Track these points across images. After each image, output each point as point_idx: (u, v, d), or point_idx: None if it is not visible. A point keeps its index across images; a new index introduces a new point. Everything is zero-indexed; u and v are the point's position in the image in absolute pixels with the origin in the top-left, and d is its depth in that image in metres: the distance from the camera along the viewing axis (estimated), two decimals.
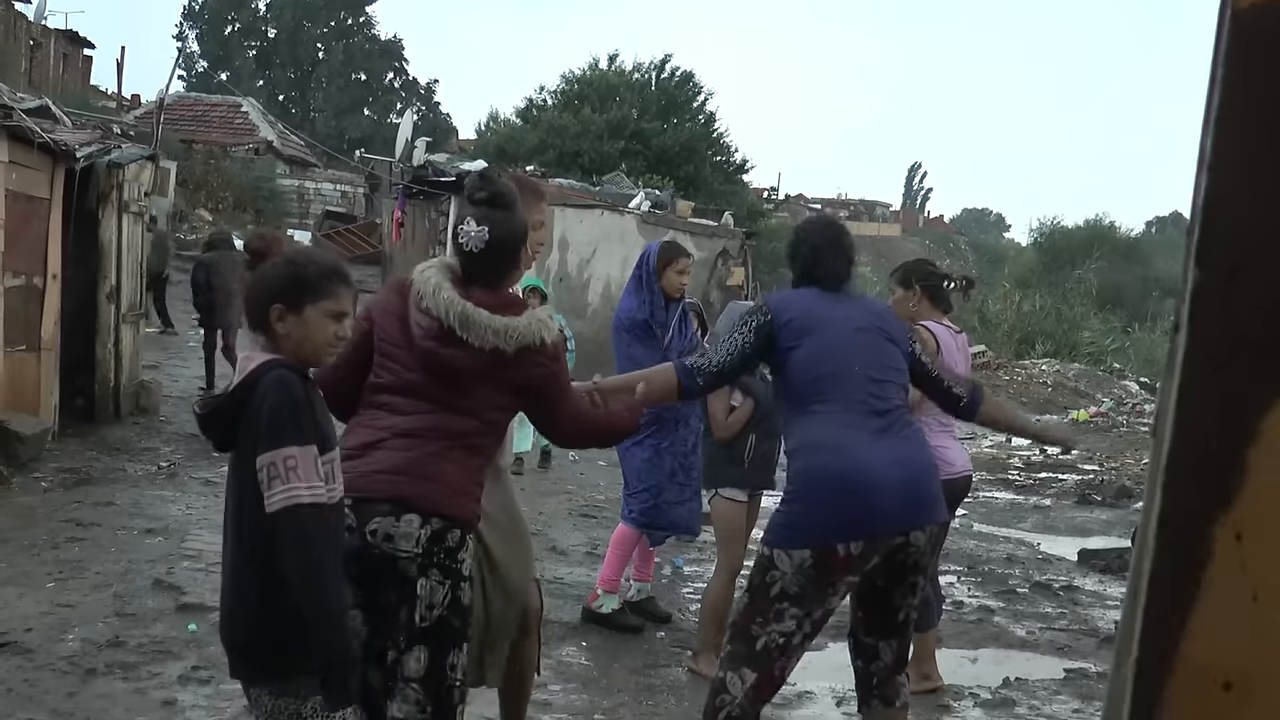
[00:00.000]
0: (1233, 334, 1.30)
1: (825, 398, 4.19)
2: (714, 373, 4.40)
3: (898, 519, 4.12)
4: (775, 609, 4.12)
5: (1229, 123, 1.28)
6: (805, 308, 4.38)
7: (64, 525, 8.73)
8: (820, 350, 4.25)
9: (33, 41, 38.07)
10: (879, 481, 4.06)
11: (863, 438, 4.13)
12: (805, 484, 4.16)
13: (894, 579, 4.27)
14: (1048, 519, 12.54)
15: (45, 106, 12.48)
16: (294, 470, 2.99)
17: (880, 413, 4.21)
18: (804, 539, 4.09)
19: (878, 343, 4.38)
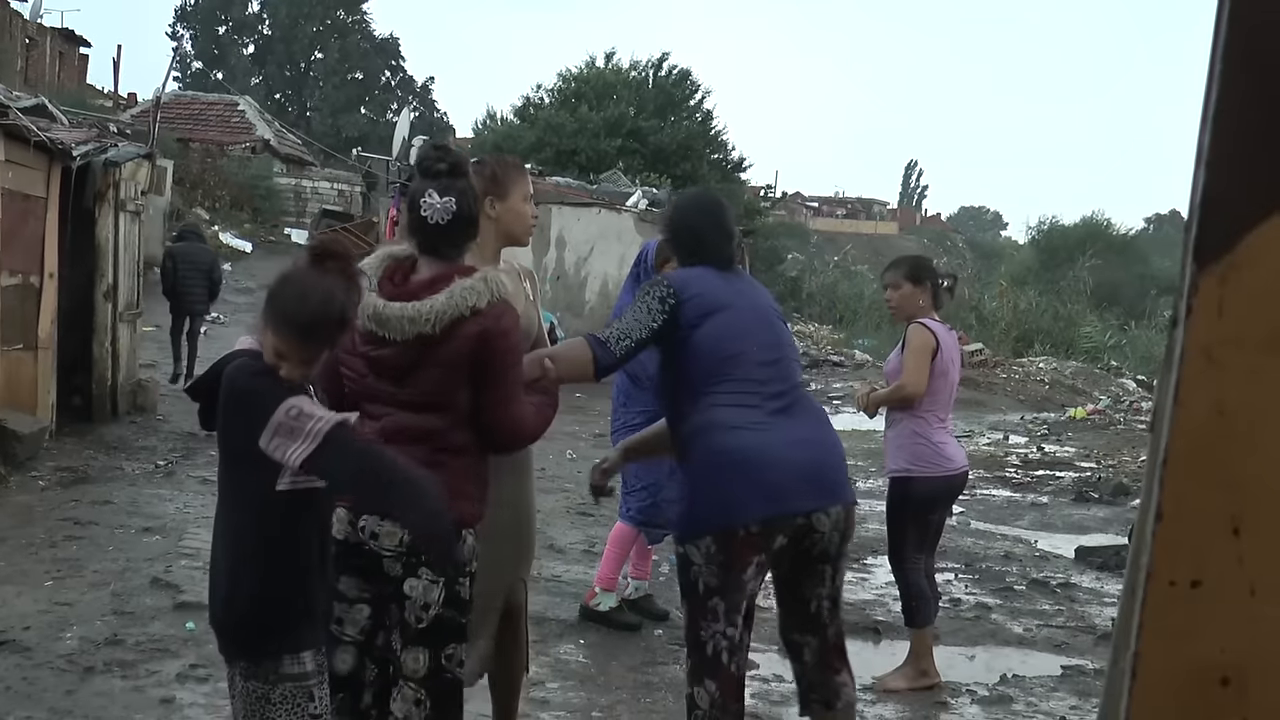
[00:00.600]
0: (1230, 330, 1.30)
1: (724, 379, 4.06)
2: (631, 344, 4.12)
3: (797, 499, 4.00)
4: (708, 608, 4.02)
5: (1226, 119, 1.28)
6: (707, 286, 4.21)
7: (62, 524, 8.72)
8: (723, 330, 4.11)
9: (28, 40, 38.07)
10: (776, 459, 3.97)
11: (760, 417, 4.02)
12: (700, 467, 4.04)
13: (800, 568, 4.16)
14: (1045, 516, 12.54)
15: (42, 105, 12.51)
16: (301, 412, 3.00)
17: (780, 393, 4.11)
18: (703, 525, 4.00)
19: (774, 322, 4.30)
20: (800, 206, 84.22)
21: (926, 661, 6.28)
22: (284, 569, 3.14)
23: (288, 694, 3.13)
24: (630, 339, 4.11)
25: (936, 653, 6.48)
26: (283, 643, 3.16)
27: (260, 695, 3.12)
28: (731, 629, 4.03)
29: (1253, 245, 1.29)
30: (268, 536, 3.12)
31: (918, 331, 6.20)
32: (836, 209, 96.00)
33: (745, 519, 3.94)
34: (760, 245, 32.76)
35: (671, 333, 4.12)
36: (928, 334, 6.18)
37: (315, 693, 3.23)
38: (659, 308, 4.11)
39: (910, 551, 6.24)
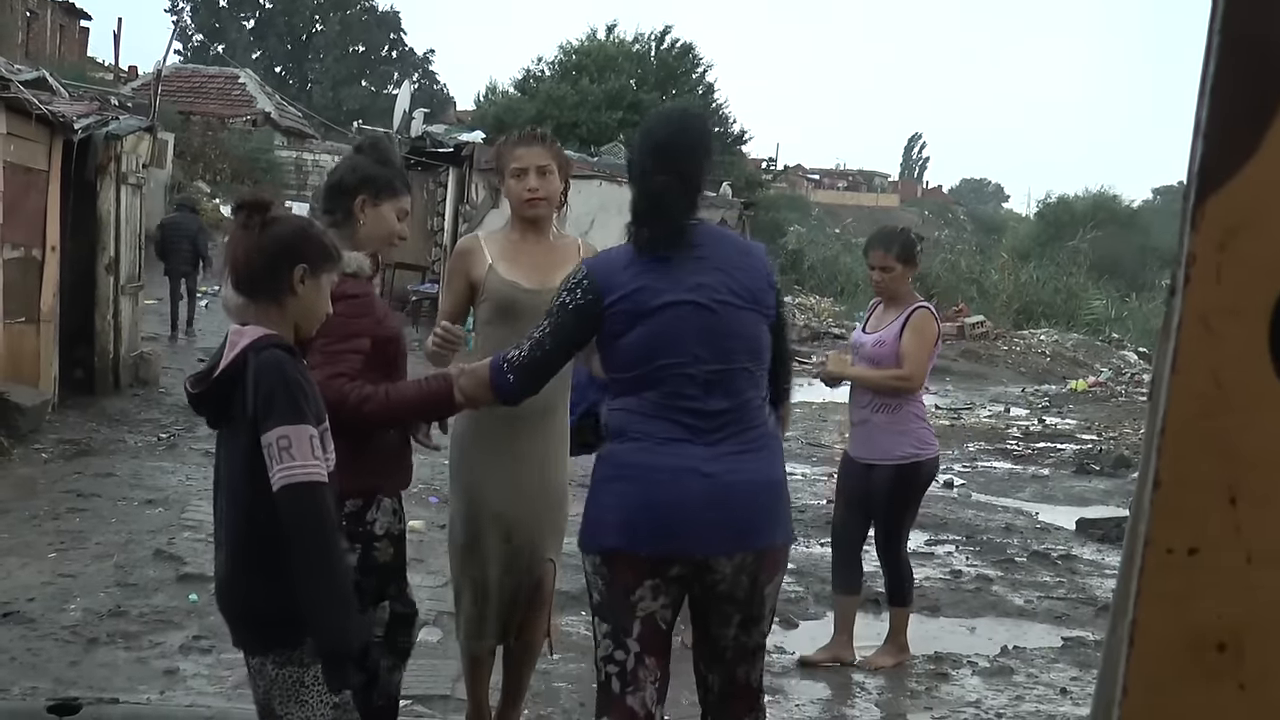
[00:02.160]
0: (1227, 298, 1.31)
1: (649, 387, 3.45)
2: (525, 367, 3.54)
3: (687, 539, 3.44)
4: (599, 629, 3.57)
5: (1223, 89, 1.29)
6: (639, 286, 3.46)
7: (65, 496, 8.75)
8: (650, 340, 3.44)
9: (29, 13, 37.97)
10: (671, 489, 3.41)
11: (674, 434, 3.43)
12: (600, 474, 3.55)
13: (707, 603, 3.58)
14: (1046, 488, 12.57)
15: (43, 78, 12.45)
16: (287, 450, 2.99)
17: (716, 413, 3.45)
18: (593, 537, 3.54)
19: (733, 316, 3.49)
20: (801, 179, 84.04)
21: (904, 637, 6.29)
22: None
23: (319, 675, 3.16)
24: (526, 361, 3.55)
25: (938, 624, 6.51)
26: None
27: (295, 679, 3.14)
28: (620, 653, 3.51)
29: (1250, 215, 1.30)
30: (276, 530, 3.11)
31: (928, 321, 6.07)
32: (838, 181, 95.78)
33: (629, 544, 3.46)
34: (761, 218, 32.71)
35: (589, 338, 3.57)
36: (934, 324, 6.10)
37: None
38: (570, 319, 3.51)
39: (905, 534, 6.29)
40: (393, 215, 4.04)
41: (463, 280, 4.45)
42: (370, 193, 3.97)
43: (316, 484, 3.01)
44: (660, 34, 42.56)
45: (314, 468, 3.01)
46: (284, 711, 3.15)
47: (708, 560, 3.46)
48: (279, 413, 3.02)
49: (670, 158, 3.56)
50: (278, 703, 3.16)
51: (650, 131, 3.70)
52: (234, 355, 3.11)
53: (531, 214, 4.46)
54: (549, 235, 4.55)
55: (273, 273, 3.18)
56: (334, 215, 3.99)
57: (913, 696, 5.90)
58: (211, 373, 3.17)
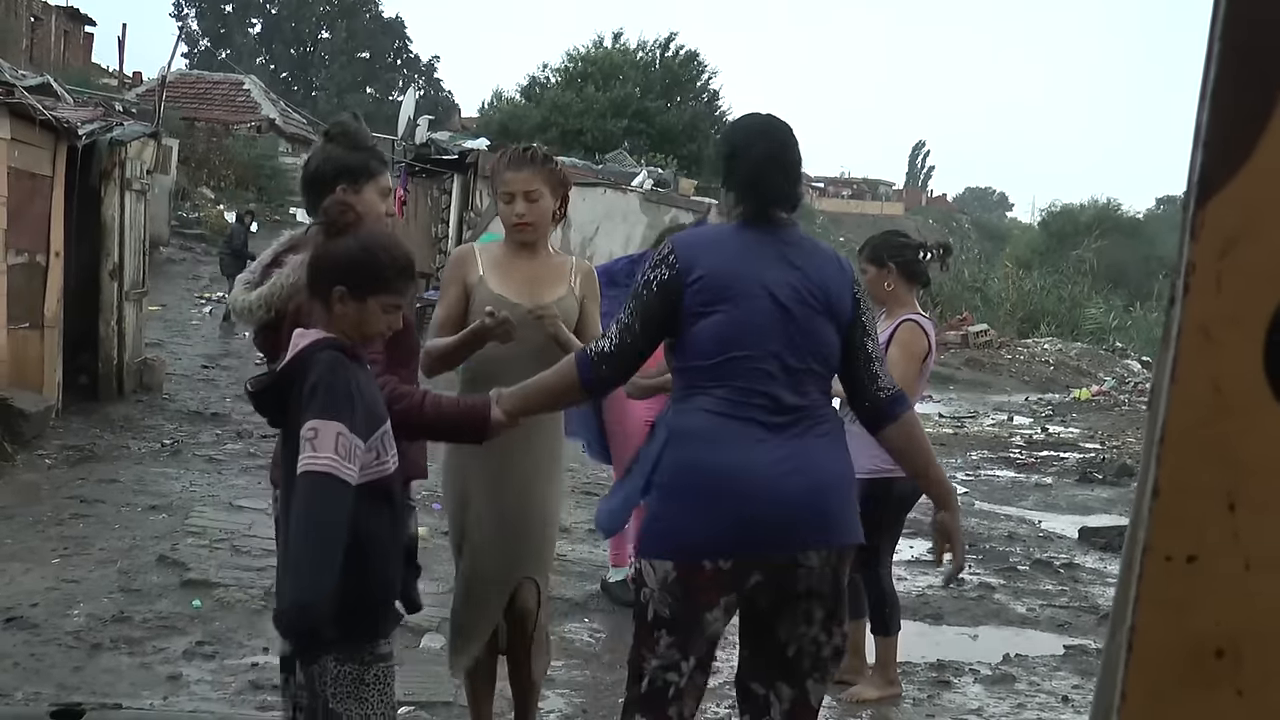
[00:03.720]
0: (1227, 307, 1.32)
1: (720, 382, 3.34)
2: (615, 354, 3.44)
3: (781, 538, 3.33)
4: (653, 637, 3.39)
5: (1223, 98, 1.30)
6: (721, 261, 3.40)
7: (68, 502, 8.75)
8: (732, 327, 3.34)
9: (34, 19, 38.04)
10: (761, 488, 3.29)
11: (753, 432, 3.32)
12: (672, 479, 3.35)
13: (781, 605, 3.43)
14: (1049, 497, 12.57)
15: (47, 84, 12.48)
16: (311, 440, 3.03)
17: (792, 408, 3.36)
18: (665, 547, 3.36)
19: (807, 319, 3.41)
20: (806, 187, 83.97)
21: (893, 671, 5.95)
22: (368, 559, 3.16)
23: (380, 674, 3.22)
24: (615, 349, 3.44)
25: (940, 632, 6.48)
26: (373, 627, 3.23)
27: (355, 677, 3.18)
28: (675, 674, 3.38)
29: (1249, 224, 1.31)
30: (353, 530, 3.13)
31: (913, 335, 5.72)
32: (842, 189, 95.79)
33: (714, 552, 3.31)
34: None
35: (674, 320, 3.40)
36: (922, 337, 5.74)
37: (395, 671, 3.33)
38: (655, 298, 3.40)
39: (884, 555, 5.85)
40: (375, 197, 3.99)
41: (458, 288, 4.44)
42: (348, 181, 3.93)
43: (330, 476, 3.03)
44: (665, 41, 42.66)
45: (332, 461, 3.03)
46: (343, 710, 3.17)
47: (796, 557, 3.35)
48: (316, 406, 3.06)
49: (772, 139, 3.53)
50: (337, 701, 3.18)
51: (749, 123, 3.62)
52: (294, 354, 3.17)
53: (519, 239, 4.45)
54: (543, 252, 4.54)
55: (317, 285, 3.24)
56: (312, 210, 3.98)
57: (915, 704, 5.90)
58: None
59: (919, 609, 7.38)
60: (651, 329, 3.42)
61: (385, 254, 3.26)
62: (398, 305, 3.28)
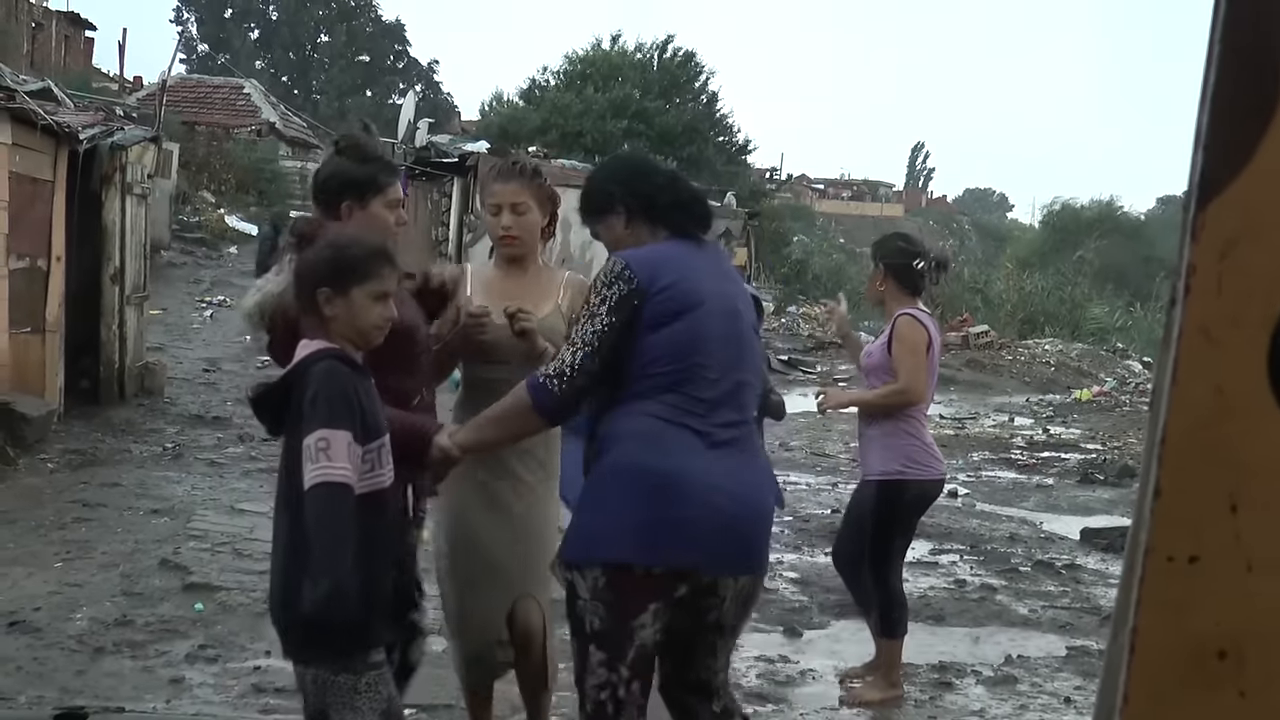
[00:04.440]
0: (1228, 308, 1.32)
1: (670, 389, 3.30)
2: (571, 378, 3.33)
3: (711, 556, 3.31)
4: (587, 654, 3.33)
5: (1223, 99, 1.30)
6: (682, 273, 3.35)
7: (71, 506, 8.76)
8: (688, 337, 3.31)
9: (34, 23, 38.05)
10: (704, 501, 3.24)
11: (693, 441, 3.27)
12: (609, 479, 3.31)
13: (692, 632, 3.45)
14: (1050, 498, 12.56)
15: (48, 88, 12.49)
16: (325, 451, 3.07)
17: (729, 424, 3.34)
18: (595, 551, 3.29)
19: (745, 332, 3.49)
20: (806, 189, 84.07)
21: (897, 674, 5.92)
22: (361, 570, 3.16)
23: (373, 681, 3.25)
24: (572, 373, 3.34)
25: (942, 633, 6.47)
26: (364, 637, 3.25)
27: (350, 686, 3.21)
28: (608, 691, 3.32)
29: (1249, 225, 1.31)
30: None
31: (910, 328, 5.69)
32: (842, 191, 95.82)
33: (649, 558, 3.25)
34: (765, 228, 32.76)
35: (630, 335, 3.33)
36: (919, 328, 5.69)
37: (389, 678, 3.35)
38: (614, 317, 3.32)
39: (895, 558, 5.84)
40: (383, 210, 3.96)
41: (452, 309, 4.39)
42: (354, 196, 3.92)
43: (344, 485, 3.08)
44: (663, 43, 42.67)
45: (342, 470, 3.08)
46: (338, 717, 3.22)
47: (716, 582, 3.36)
48: (320, 416, 3.10)
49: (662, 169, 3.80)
50: (334, 710, 3.22)
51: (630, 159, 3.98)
52: (293, 365, 3.21)
53: (507, 252, 4.43)
54: (533, 269, 4.49)
55: (303, 298, 3.29)
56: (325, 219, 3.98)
57: (917, 706, 5.90)
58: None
59: (921, 610, 7.37)
60: (609, 343, 3.33)
61: (354, 245, 3.31)
62: (384, 291, 3.27)
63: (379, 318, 3.28)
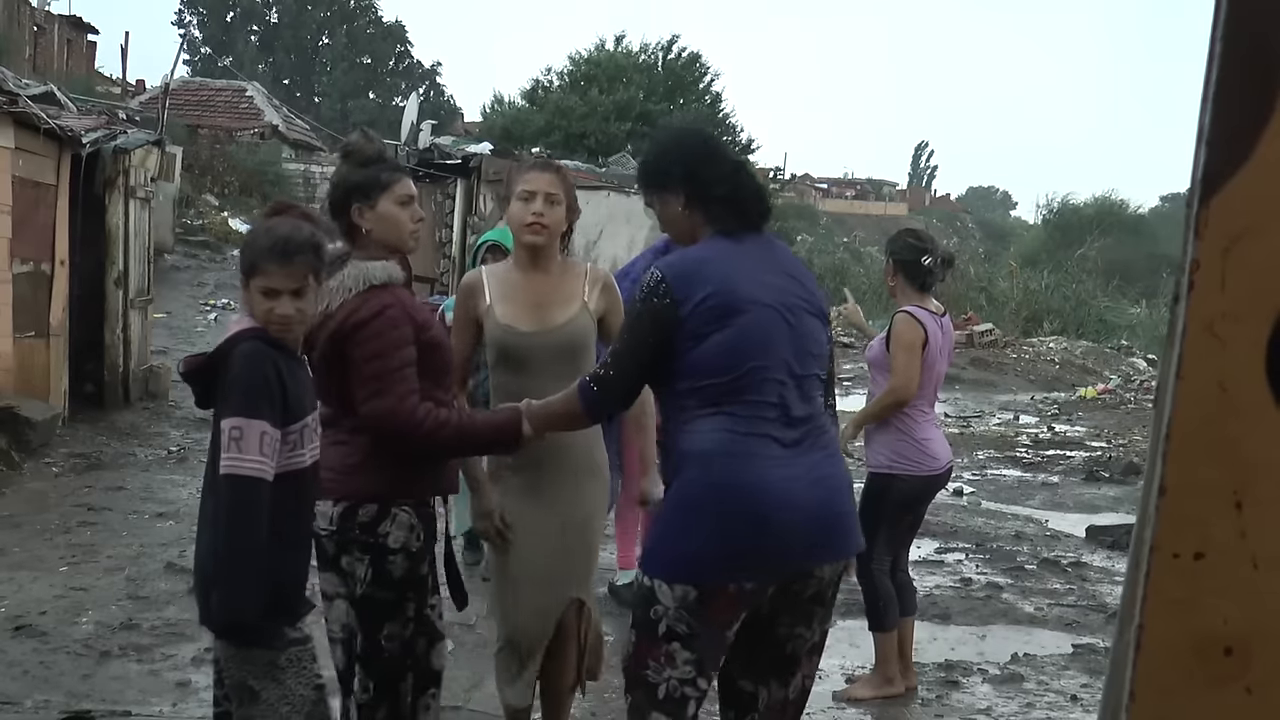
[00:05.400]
0: (1232, 304, 1.32)
1: (735, 399, 3.27)
2: (612, 381, 3.42)
3: (805, 553, 3.33)
4: (666, 651, 3.33)
5: (1225, 95, 1.30)
6: (723, 278, 3.32)
7: (76, 510, 8.77)
8: (742, 341, 3.27)
9: (37, 27, 38.09)
10: (789, 506, 3.25)
11: (770, 449, 3.26)
12: (694, 500, 3.28)
13: (784, 608, 3.43)
14: (1056, 496, 12.55)
15: (50, 92, 12.49)
16: (237, 441, 3.12)
17: (800, 419, 3.33)
18: (686, 572, 3.28)
19: (805, 322, 3.42)
20: (809, 188, 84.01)
21: (892, 668, 5.86)
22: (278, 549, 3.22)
23: (295, 657, 3.27)
24: (616, 379, 3.42)
25: (948, 632, 6.45)
26: (288, 613, 3.29)
27: (269, 660, 3.24)
28: (692, 689, 3.37)
29: (1253, 222, 1.31)
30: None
31: (905, 325, 5.71)
32: (846, 190, 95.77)
33: (741, 575, 3.27)
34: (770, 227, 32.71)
35: (673, 348, 3.31)
36: (916, 326, 5.70)
37: (315, 654, 3.35)
38: (649, 333, 3.34)
39: (879, 551, 5.70)
40: (394, 207, 3.90)
41: (469, 320, 4.35)
42: (360, 198, 3.88)
43: (255, 480, 3.13)
44: (667, 44, 42.66)
45: (254, 464, 3.13)
46: (261, 688, 3.25)
47: (812, 570, 3.38)
48: (235, 404, 3.16)
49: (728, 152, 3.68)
50: (254, 679, 3.26)
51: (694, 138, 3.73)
52: (221, 343, 3.29)
53: (531, 240, 4.29)
54: (552, 266, 4.38)
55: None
56: (343, 234, 3.95)
57: (924, 704, 5.89)
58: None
59: (926, 609, 7.37)
60: (647, 356, 3.36)
61: (262, 237, 3.33)
62: (273, 289, 3.25)
63: (264, 314, 3.28)
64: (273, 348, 3.24)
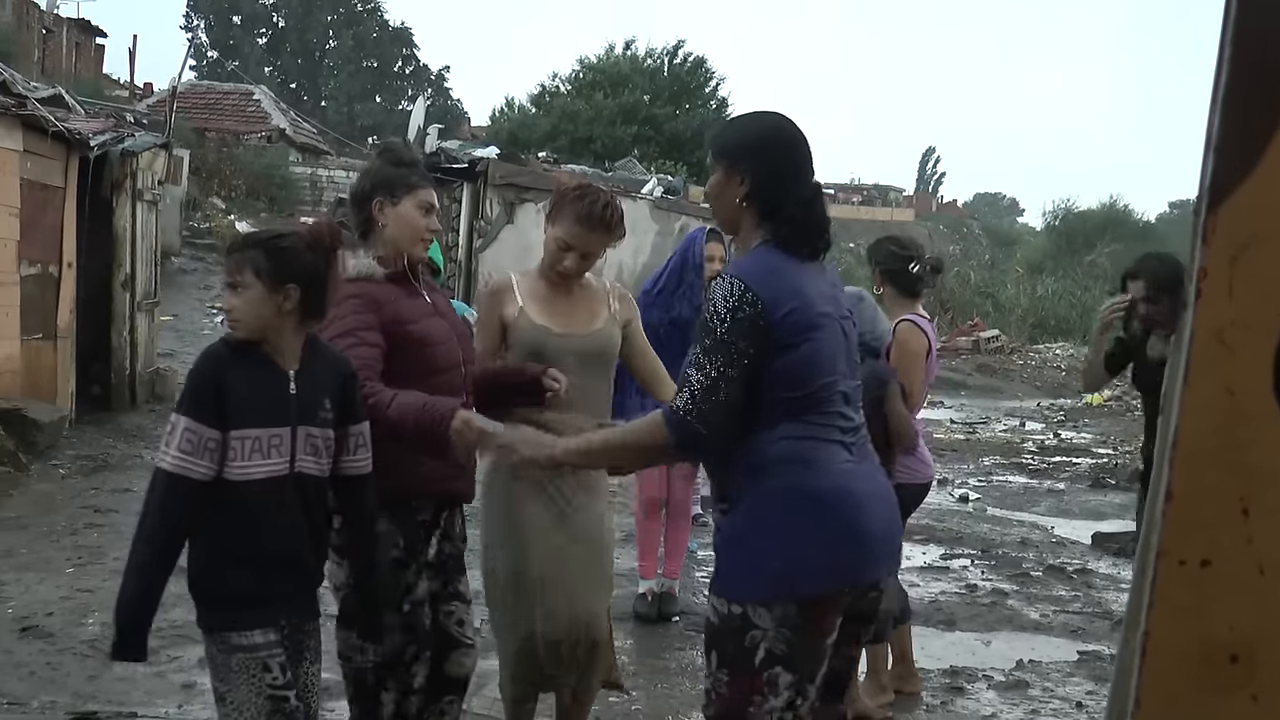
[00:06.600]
0: (1239, 312, 1.32)
1: (808, 409, 3.15)
2: (713, 411, 3.07)
3: (880, 562, 3.24)
4: (767, 678, 3.09)
5: (1235, 105, 1.30)
6: (798, 291, 3.16)
7: (82, 511, 8.78)
8: (819, 355, 3.16)
9: (45, 30, 38.13)
10: (870, 514, 3.16)
11: (847, 457, 3.18)
12: (787, 510, 3.11)
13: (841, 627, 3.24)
14: (1061, 502, 12.54)
15: (59, 95, 12.52)
16: (170, 435, 3.19)
17: (855, 428, 3.26)
18: (789, 586, 3.08)
19: (853, 335, 3.36)
20: None
21: (885, 676, 5.80)
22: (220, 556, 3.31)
23: (242, 664, 3.29)
24: (718, 405, 3.08)
25: (953, 638, 6.42)
26: (225, 618, 3.33)
27: (223, 661, 3.31)
28: (802, 701, 3.13)
29: (1260, 229, 1.31)
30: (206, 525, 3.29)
31: (910, 333, 5.59)
32: (852, 196, 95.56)
33: (843, 580, 3.13)
34: None
35: (765, 355, 3.11)
36: (919, 335, 5.62)
37: (270, 664, 3.32)
38: (746, 344, 3.07)
39: None
40: (414, 210, 3.91)
41: (495, 321, 4.38)
42: (385, 193, 3.90)
43: (169, 474, 3.18)
44: (673, 49, 42.69)
45: (179, 460, 3.17)
46: (220, 686, 3.33)
47: (878, 581, 3.26)
48: (180, 401, 3.24)
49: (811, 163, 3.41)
50: (217, 680, 3.34)
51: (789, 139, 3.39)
52: None
53: (558, 280, 4.39)
54: (579, 282, 4.47)
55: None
56: (359, 226, 3.97)
57: (929, 711, 5.88)
58: None
59: (931, 615, 7.36)
60: (747, 372, 3.09)
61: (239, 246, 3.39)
62: (229, 283, 3.31)
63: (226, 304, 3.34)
64: (232, 351, 3.28)
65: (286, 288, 3.25)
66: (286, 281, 3.25)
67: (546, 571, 4.25)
